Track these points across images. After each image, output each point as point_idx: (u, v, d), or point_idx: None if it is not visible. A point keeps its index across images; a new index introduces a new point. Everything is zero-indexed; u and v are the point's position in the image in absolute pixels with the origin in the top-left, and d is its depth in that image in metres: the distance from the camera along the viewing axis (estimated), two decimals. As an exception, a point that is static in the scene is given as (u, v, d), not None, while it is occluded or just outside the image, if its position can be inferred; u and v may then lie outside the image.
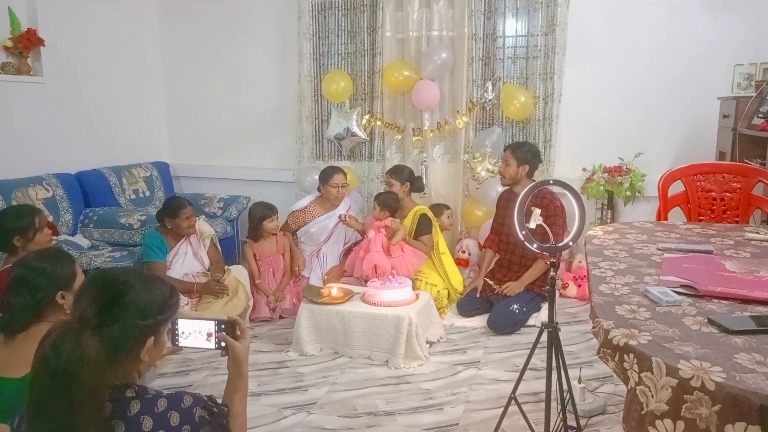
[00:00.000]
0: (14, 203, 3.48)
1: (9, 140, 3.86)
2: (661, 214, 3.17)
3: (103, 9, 4.55)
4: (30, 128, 4.00)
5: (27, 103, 3.98)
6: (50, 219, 3.69)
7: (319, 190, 4.06)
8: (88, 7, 4.42)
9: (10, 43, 3.84)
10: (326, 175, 3.97)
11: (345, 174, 4.02)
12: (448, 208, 4.30)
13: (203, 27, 5.06)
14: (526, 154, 3.54)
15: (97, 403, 1.13)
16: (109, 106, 4.66)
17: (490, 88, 4.31)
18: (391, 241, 3.67)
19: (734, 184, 3.08)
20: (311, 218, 3.99)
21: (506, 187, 3.72)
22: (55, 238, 3.35)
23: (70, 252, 2.90)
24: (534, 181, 3.56)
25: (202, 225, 3.77)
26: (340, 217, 3.89)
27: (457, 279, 3.91)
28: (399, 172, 3.95)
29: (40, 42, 3.96)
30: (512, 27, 4.36)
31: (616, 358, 1.41)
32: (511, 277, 3.63)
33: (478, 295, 3.65)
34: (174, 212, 3.48)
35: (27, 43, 3.89)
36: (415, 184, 4.01)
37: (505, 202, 3.72)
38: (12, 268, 1.89)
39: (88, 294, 1.22)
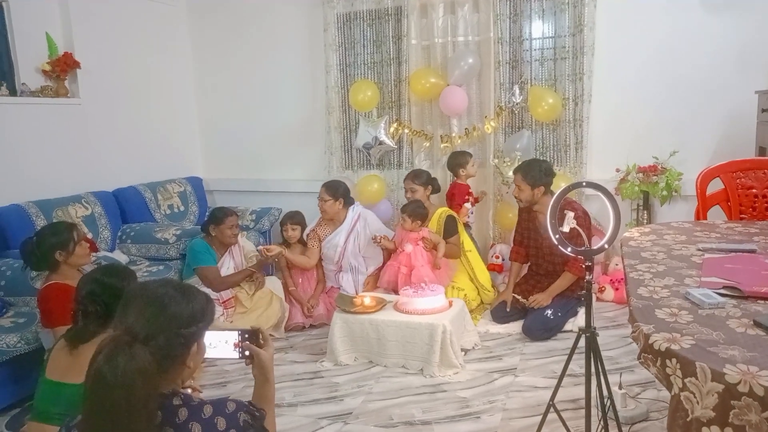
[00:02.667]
0: (55, 221, 3.59)
1: (49, 161, 3.98)
2: (700, 214, 3.09)
3: (136, 30, 4.68)
4: (68, 148, 4.13)
5: (65, 124, 4.11)
6: (89, 236, 3.79)
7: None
8: (122, 29, 4.54)
9: (48, 67, 3.97)
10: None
11: (328, 188, 3.94)
12: (470, 155, 4.17)
13: (232, 44, 5.16)
14: (537, 175, 3.39)
15: (151, 412, 1.18)
16: (144, 124, 4.78)
17: (518, 91, 4.28)
18: (438, 254, 3.65)
19: (777, 180, 2.98)
20: (323, 237, 3.96)
21: None
22: (94, 254, 3.44)
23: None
24: (554, 194, 3.46)
25: (246, 243, 3.84)
26: (374, 238, 3.81)
27: (485, 276, 3.89)
28: (419, 176, 3.94)
29: (77, 65, 4.09)
30: (539, 29, 4.32)
31: (658, 364, 1.37)
32: (542, 285, 3.56)
33: (508, 309, 3.58)
34: (220, 219, 3.56)
35: (64, 66, 4.02)
36: (435, 185, 4.00)
37: (525, 214, 3.65)
38: (82, 284, 2.00)
39: (133, 308, 1.27)
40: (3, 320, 2.97)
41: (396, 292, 3.52)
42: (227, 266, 3.63)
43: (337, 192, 3.91)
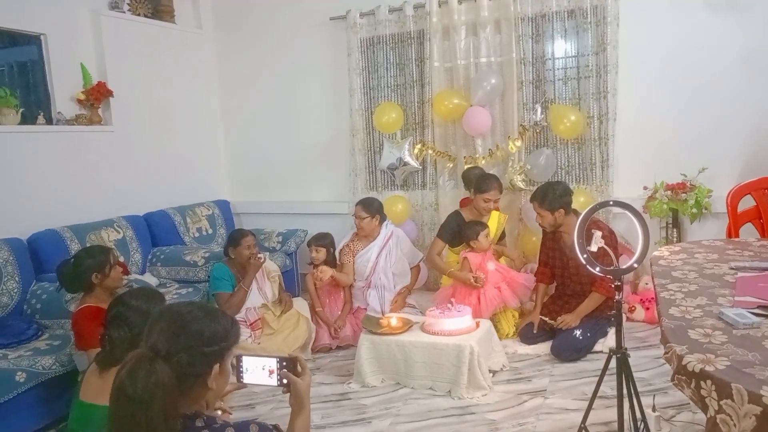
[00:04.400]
0: (88, 245, 3.68)
1: (82, 186, 4.11)
2: (732, 231, 3.03)
3: (165, 58, 4.83)
4: (101, 174, 4.25)
5: (98, 150, 4.24)
6: (121, 259, 3.87)
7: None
8: (152, 57, 4.69)
9: (83, 96, 4.12)
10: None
11: (365, 206, 3.94)
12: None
13: (258, 69, 5.28)
14: (553, 199, 3.36)
15: (172, 429, 1.19)
16: (173, 149, 4.91)
17: (539, 109, 4.28)
18: (517, 266, 3.76)
19: (810, 196, 2.92)
20: (354, 254, 3.98)
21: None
22: (126, 277, 3.52)
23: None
24: (577, 212, 3.47)
25: (269, 264, 3.88)
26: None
27: None
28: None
29: (110, 93, 4.24)
30: (561, 48, 4.33)
31: (693, 386, 1.34)
32: (570, 306, 3.51)
33: (534, 331, 3.54)
34: (237, 240, 3.61)
35: (98, 95, 4.16)
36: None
37: (550, 234, 3.61)
38: (110, 306, 2.06)
39: (157, 326, 1.30)
40: (38, 342, 3.05)
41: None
42: (252, 288, 3.66)
43: (373, 209, 3.94)
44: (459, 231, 3.82)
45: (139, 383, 1.17)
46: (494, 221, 3.87)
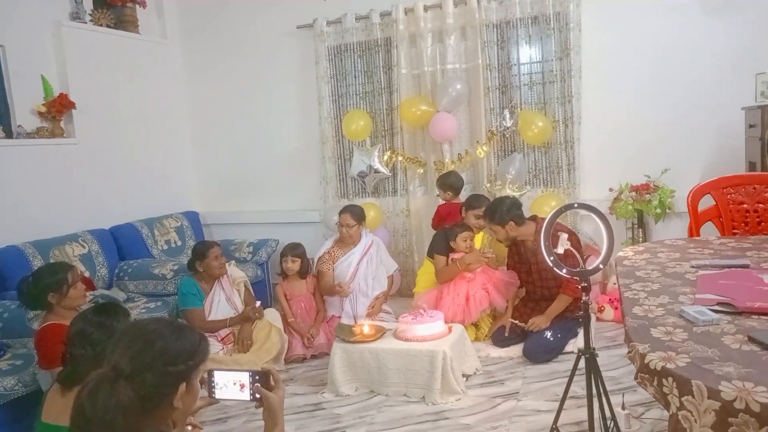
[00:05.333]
0: (52, 261, 3.59)
1: (46, 201, 4.01)
2: (693, 231, 3.11)
3: (130, 68, 4.75)
4: (65, 188, 4.16)
5: (61, 164, 4.15)
6: (86, 274, 3.79)
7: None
8: (116, 68, 4.61)
9: (44, 109, 4.02)
10: (339, 215, 3.97)
11: (353, 213, 3.95)
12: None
13: (226, 78, 5.23)
14: (501, 214, 3.45)
15: None
16: (140, 161, 4.82)
17: (508, 115, 4.34)
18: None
19: (767, 194, 3.00)
20: (334, 261, 3.98)
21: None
22: (91, 293, 3.44)
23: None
24: (530, 220, 3.54)
25: (234, 270, 3.83)
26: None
27: None
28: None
29: (72, 105, 4.14)
30: (526, 54, 4.40)
31: (655, 383, 1.37)
32: (540, 309, 3.56)
33: (506, 334, 3.57)
34: (203, 253, 3.56)
35: (60, 107, 4.06)
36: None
37: (518, 241, 3.65)
38: (72, 323, 1.99)
39: (121, 344, 1.26)
40: (0, 363, 2.96)
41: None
42: (218, 297, 3.61)
43: (359, 216, 3.97)
44: (447, 240, 3.83)
45: (99, 405, 1.13)
46: (478, 239, 3.91)
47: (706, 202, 3.19)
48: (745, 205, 3.06)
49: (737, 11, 3.92)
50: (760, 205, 3.02)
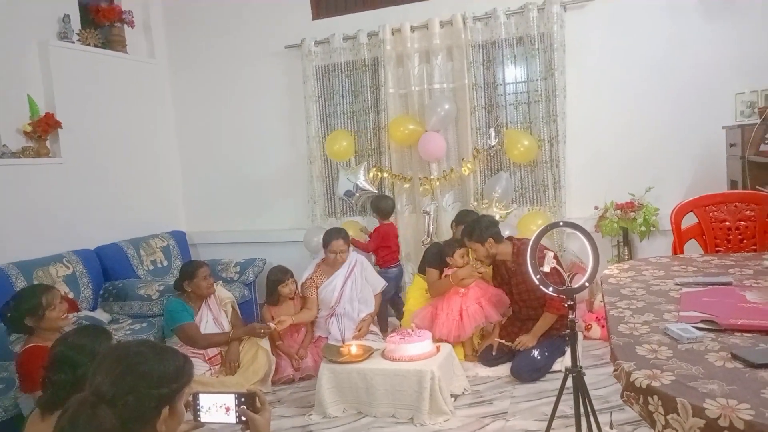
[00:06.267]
0: (35, 282, 3.54)
1: (30, 221, 3.96)
2: (677, 248, 3.14)
3: (117, 88, 4.75)
4: (50, 208, 4.12)
5: (47, 183, 4.11)
6: (71, 295, 3.74)
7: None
8: (103, 87, 4.61)
9: (29, 128, 4.00)
10: (325, 241, 3.96)
11: (344, 238, 3.95)
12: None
13: (213, 98, 5.25)
14: (481, 231, 3.48)
15: None
16: (126, 181, 4.80)
17: (493, 134, 4.38)
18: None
19: (748, 212, 3.05)
20: (318, 287, 3.95)
21: None
22: (75, 314, 3.40)
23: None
24: (507, 240, 3.58)
25: (221, 291, 3.80)
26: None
27: None
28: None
29: (58, 125, 4.13)
30: (512, 74, 4.46)
31: (641, 401, 1.37)
32: (527, 327, 3.55)
33: (494, 353, 3.56)
34: (192, 273, 3.52)
35: (45, 126, 4.04)
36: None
37: (499, 262, 3.67)
38: (52, 347, 1.96)
39: (103, 367, 1.24)
40: (-19, 387, 2.90)
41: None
42: (206, 318, 3.57)
43: (347, 237, 4.00)
44: (440, 254, 3.83)
45: (80, 430, 1.11)
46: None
47: (690, 220, 3.22)
48: (727, 223, 3.10)
49: (717, 32, 4.01)
50: (742, 222, 3.06)
